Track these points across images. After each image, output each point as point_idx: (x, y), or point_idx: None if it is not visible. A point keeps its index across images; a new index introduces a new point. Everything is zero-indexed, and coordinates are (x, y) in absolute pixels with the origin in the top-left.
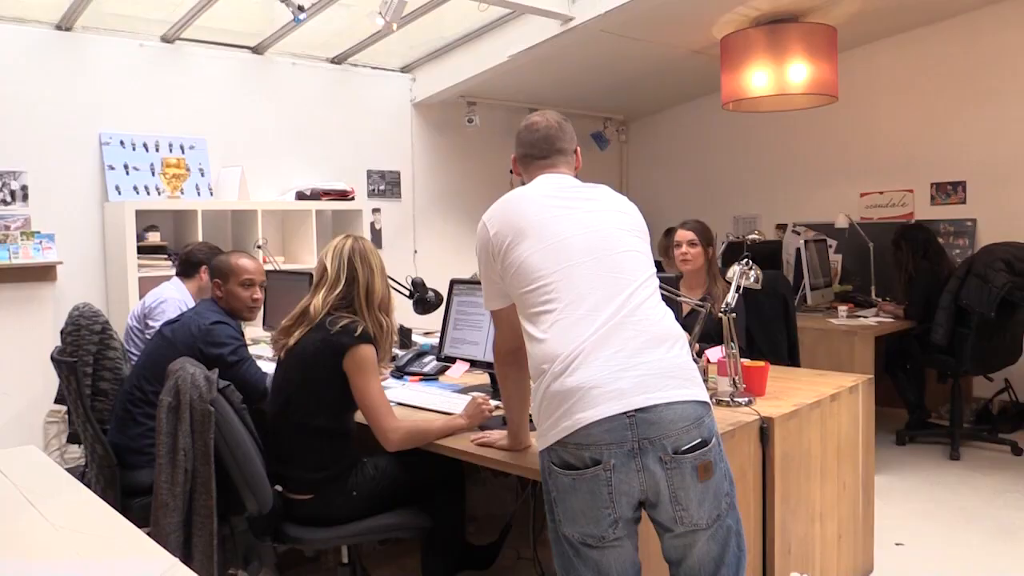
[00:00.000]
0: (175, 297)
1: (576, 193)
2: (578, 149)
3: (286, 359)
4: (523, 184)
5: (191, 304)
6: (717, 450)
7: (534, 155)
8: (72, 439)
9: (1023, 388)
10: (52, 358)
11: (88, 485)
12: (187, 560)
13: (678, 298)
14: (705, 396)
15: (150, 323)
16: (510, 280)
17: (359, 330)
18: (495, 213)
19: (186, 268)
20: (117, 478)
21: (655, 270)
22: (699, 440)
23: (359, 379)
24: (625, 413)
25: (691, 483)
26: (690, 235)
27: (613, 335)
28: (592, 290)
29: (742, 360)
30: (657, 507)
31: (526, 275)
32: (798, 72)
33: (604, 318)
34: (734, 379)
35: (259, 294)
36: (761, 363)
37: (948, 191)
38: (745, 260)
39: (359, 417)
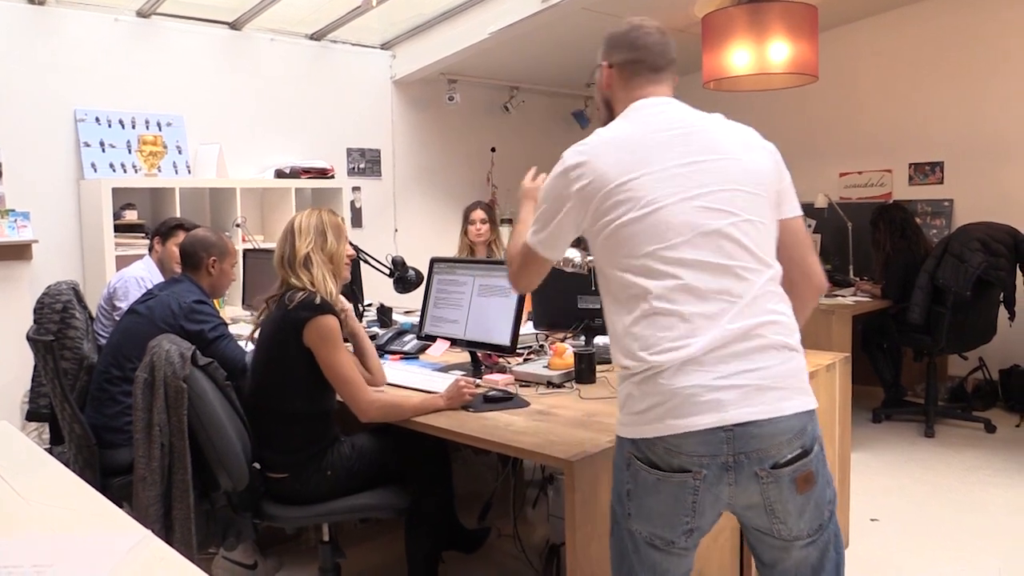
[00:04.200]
0: (136, 275)
1: (701, 140)
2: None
3: (258, 339)
4: (607, 102)
5: (156, 282)
6: (819, 457)
7: (648, 63)
8: (31, 416)
9: (997, 367)
10: (28, 337)
11: (67, 465)
12: (167, 534)
13: None
14: (812, 403)
15: (116, 304)
16: (602, 243)
17: (316, 300)
18: (598, 152)
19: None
20: (96, 457)
21: (774, 246)
22: (800, 451)
23: (323, 352)
24: (722, 428)
25: (789, 496)
26: None
27: (722, 334)
28: (704, 278)
29: None
30: (749, 514)
31: (628, 248)
32: (779, 51)
33: (715, 311)
34: None
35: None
36: None
37: (926, 171)
38: None
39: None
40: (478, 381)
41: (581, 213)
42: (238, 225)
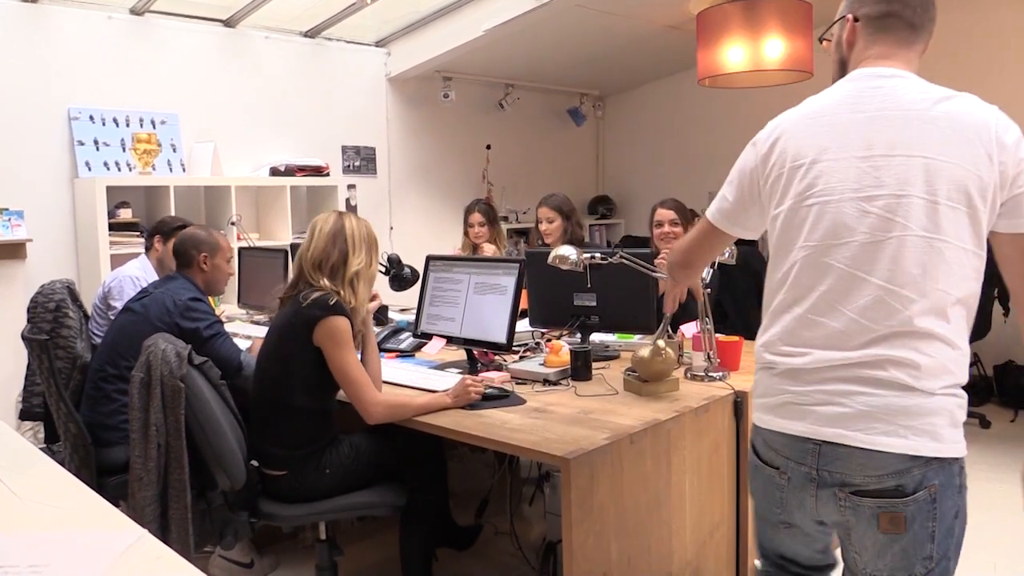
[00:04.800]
0: (131, 275)
1: (897, 131)
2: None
3: (267, 334)
4: (843, 62)
5: (151, 280)
6: (924, 509)
7: (905, 18)
8: (25, 415)
9: (991, 362)
10: (23, 336)
11: (62, 464)
12: (164, 533)
13: (654, 274)
14: (934, 450)
15: (111, 303)
16: (771, 223)
17: (331, 301)
18: (789, 129)
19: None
20: (92, 456)
21: (954, 270)
22: (893, 488)
23: (333, 352)
24: (811, 439)
25: (867, 529)
26: (672, 214)
27: (843, 354)
28: (846, 290)
29: (717, 335)
30: (838, 531)
31: (786, 239)
32: (774, 48)
33: (844, 329)
34: (708, 354)
35: (232, 269)
36: (736, 338)
37: None
38: None
39: (342, 396)
40: (484, 376)
41: (760, 190)
42: (233, 223)
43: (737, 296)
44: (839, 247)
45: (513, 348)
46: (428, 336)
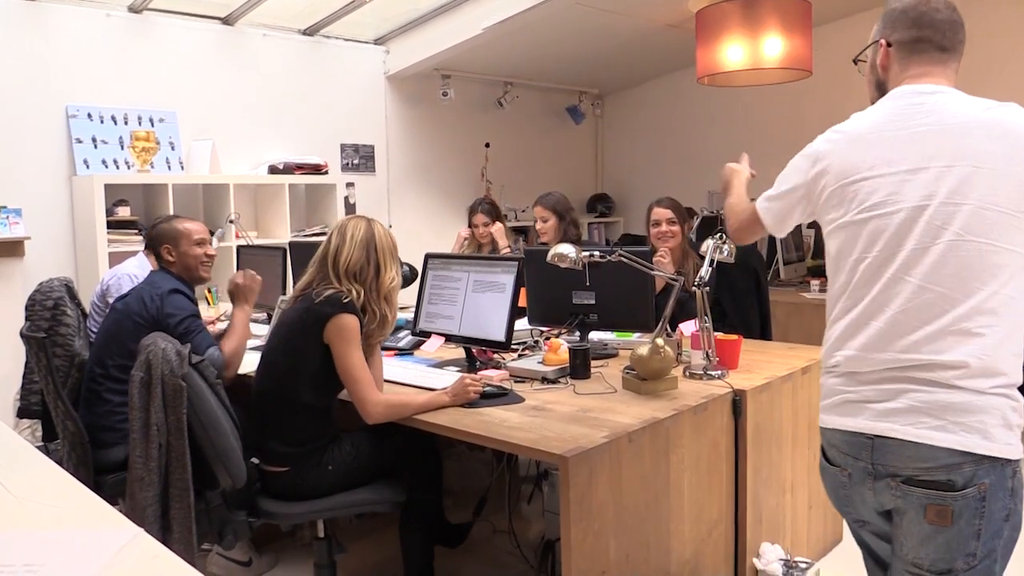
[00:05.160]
0: (129, 272)
1: (946, 142)
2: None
3: (274, 329)
4: (881, 84)
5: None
6: (973, 506)
7: (935, 42)
8: (22, 413)
9: None
10: (21, 334)
11: (60, 463)
12: (165, 534)
13: (652, 272)
14: (986, 448)
15: (109, 300)
16: (826, 235)
17: (344, 299)
18: (840, 145)
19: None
20: (89, 455)
21: (1009, 273)
22: (945, 480)
23: (340, 348)
24: (865, 434)
25: (915, 517)
26: (669, 213)
27: (895, 355)
28: (897, 295)
29: (715, 334)
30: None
31: (842, 248)
32: (773, 46)
33: (896, 330)
34: (707, 352)
35: (211, 250)
36: (734, 337)
37: None
38: (719, 234)
39: (343, 395)
40: (483, 374)
41: (811, 203)
42: (231, 221)
43: (736, 295)
44: (893, 256)
45: (512, 346)
46: (427, 334)
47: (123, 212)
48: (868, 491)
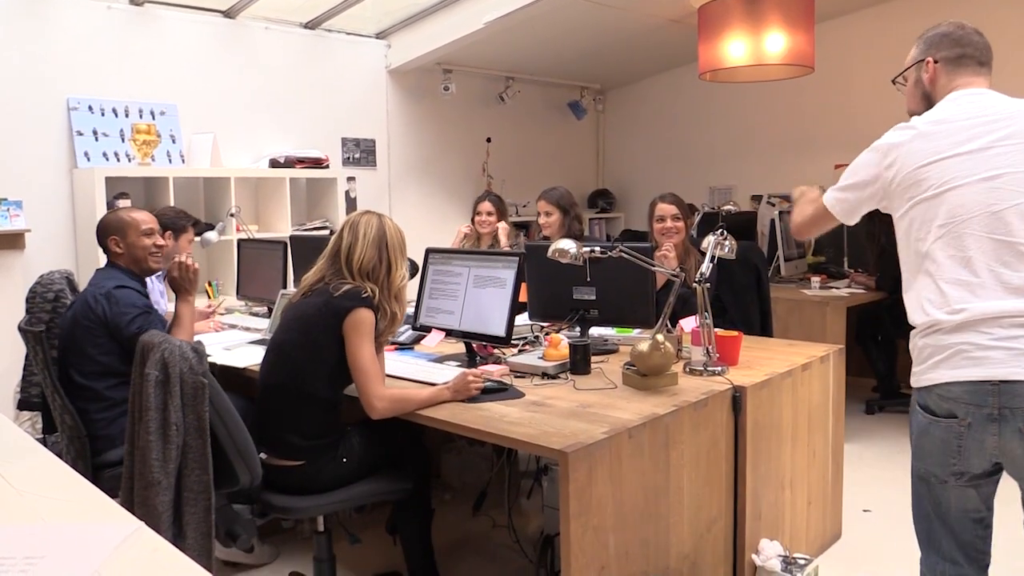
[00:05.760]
0: None
1: (1006, 125)
2: None
3: (285, 321)
4: (928, 96)
5: None
6: None
7: (976, 57)
8: (23, 405)
9: None
10: (19, 328)
11: (59, 455)
12: (177, 541)
13: (653, 268)
14: None
15: None
16: (899, 219)
17: (363, 294)
18: (910, 141)
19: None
20: (87, 448)
21: None
22: None
23: (354, 340)
24: (989, 382)
25: None
26: (673, 209)
27: (999, 304)
28: (987, 251)
29: (715, 330)
30: (1012, 469)
31: (922, 223)
32: (775, 42)
33: (993, 282)
34: (708, 348)
35: (161, 241)
36: (734, 333)
37: None
38: (720, 231)
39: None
40: (483, 369)
41: (882, 194)
42: (232, 215)
43: (736, 291)
44: (971, 220)
45: (512, 341)
46: (427, 329)
47: (123, 205)
48: (989, 436)
